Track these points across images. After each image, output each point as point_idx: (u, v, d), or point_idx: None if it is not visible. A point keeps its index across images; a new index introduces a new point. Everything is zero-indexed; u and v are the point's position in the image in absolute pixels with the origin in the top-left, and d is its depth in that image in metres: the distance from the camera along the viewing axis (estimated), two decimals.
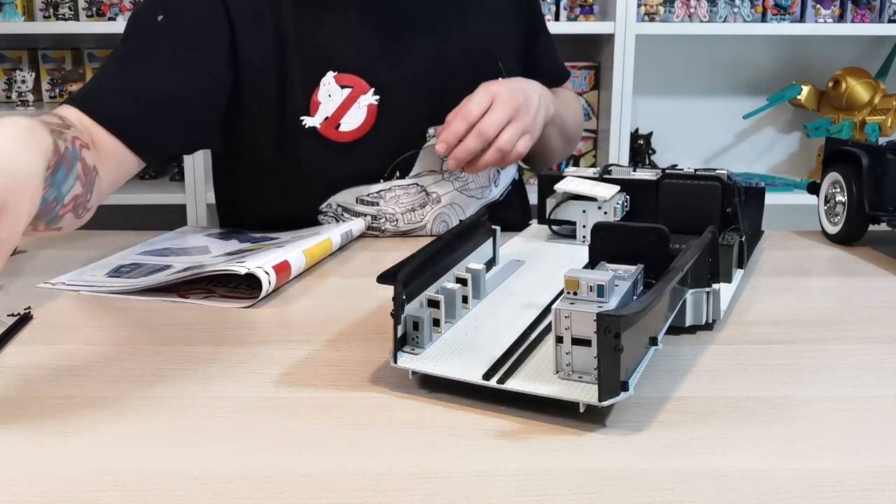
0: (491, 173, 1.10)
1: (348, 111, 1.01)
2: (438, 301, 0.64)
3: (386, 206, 1.04)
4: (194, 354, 0.66)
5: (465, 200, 1.08)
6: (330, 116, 1.01)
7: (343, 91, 1.01)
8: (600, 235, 0.68)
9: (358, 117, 1.01)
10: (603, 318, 0.51)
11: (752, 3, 2.24)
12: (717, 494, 0.47)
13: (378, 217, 1.05)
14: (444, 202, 1.07)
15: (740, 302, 0.77)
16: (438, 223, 1.07)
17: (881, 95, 2.29)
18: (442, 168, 1.06)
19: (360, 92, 1.01)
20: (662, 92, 2.41)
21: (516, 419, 0.55)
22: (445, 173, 1.06)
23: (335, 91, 1.01)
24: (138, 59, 0.96)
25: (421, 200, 1.06)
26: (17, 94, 2.28)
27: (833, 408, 0.57)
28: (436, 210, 1.07)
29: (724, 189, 0.84)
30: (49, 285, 0.84)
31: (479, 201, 1.09)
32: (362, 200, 1.05)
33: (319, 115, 1.01)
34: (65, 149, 0.72)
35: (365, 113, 1.02)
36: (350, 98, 1.01)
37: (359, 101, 1.01)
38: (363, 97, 1.01)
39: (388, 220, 1.05)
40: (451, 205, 1.07)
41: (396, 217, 1.05)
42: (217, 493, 0.47)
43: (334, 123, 1.01)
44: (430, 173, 1.06)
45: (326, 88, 1.01)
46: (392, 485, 0.48)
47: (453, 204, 1.07)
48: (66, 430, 0.54)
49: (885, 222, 0.92)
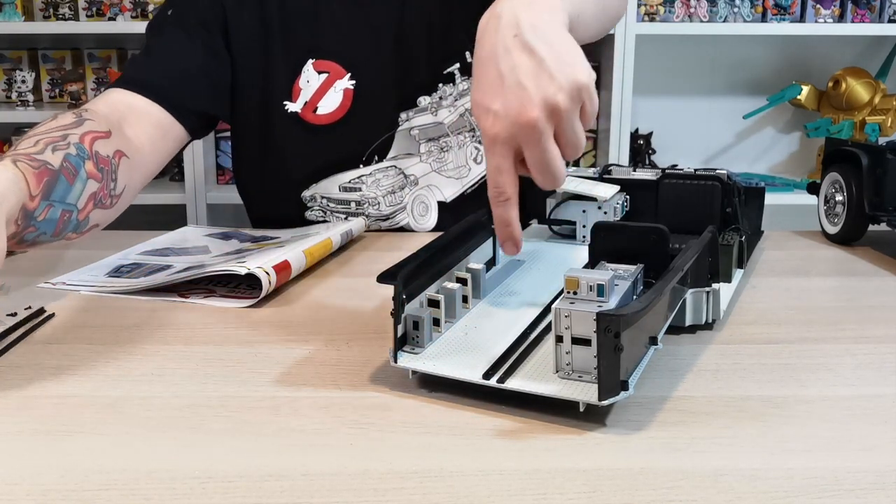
0: (469, 151, 1.11)
1: (325, 95, 1.06)
2: (438, 301, 0.64)
3: (367, 191, 1.08)
4: (194, 354, 0.67)
5: (443, 181, 1.10)
6: (308, 101, 1.07)
7: (320, 76, 1.06)
8: (600, 235, 0.68)
9: (334, 101, 1.06)
10: (603, 318, 0.51)
11: (752, 3, 2.24)
12: (717, 494, 0.47)
13: (361, 202, 1.08)
14: (421, 184, 1.09)
15: (740, 302, 0.77)
16: (418, 204, 1.09)
17: (881, 95, 2.30)
18: (419, 151, 1.09)
19: (336, 77, 1.06)
20: (662, 92, 2.41)
21: (516, 419, 0.55)
22: (423, 155, 1.09)
23: (313, 77, 1.06)
24: (159, 46, 1.05)
25: (400, 182, 1.09)
26: (17, 94, 2.28)
27: (832, 407, 0.57)
28: (414, 192, 1.09)
29: (724, 189, 0.84)
30: (49, 285, 0.84)
31: (456, 181, 1.11)
32: (345, 188, 1.08)
33: (300, 100, 1.07)
34: (60, 162, 0.77)
35: (341, 97, 1.06)
36: (327, 83, 1.06)
37: (335, 86, 1.06)
38: (339, 81, 1.06)
39: (371, 204, 1.08)
40: (429, 186, 1.10)
41: (378, 200, 1.08)
42: (217, 492, 0.47)
43: (312, 107, 1.07)
44: (406, 156, 1.09)
45: (306, 75, 1.06)
46: (392, 485, 0.48)
47: (430, 186, 1.10)
48: (66, 430, 0.54)
49: (885, 222, 0.92)
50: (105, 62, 2.37)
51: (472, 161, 1.11)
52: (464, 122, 1.10)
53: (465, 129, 1.10)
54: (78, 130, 0.82)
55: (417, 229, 1.10)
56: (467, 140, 1.10)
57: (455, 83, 1.09)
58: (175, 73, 1.02)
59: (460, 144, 1.10)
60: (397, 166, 1.08)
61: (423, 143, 1.08)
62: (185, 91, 1.02)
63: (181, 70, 1.03)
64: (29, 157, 0.74)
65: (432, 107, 1.08)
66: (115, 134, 0.88)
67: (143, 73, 1.01)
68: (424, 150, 1.09)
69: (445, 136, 1.09)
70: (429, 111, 1.08)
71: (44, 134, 0.79)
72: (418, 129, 1.08)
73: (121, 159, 0.86)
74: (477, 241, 0.77)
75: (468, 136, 1.10)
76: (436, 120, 1.09)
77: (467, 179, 1.11)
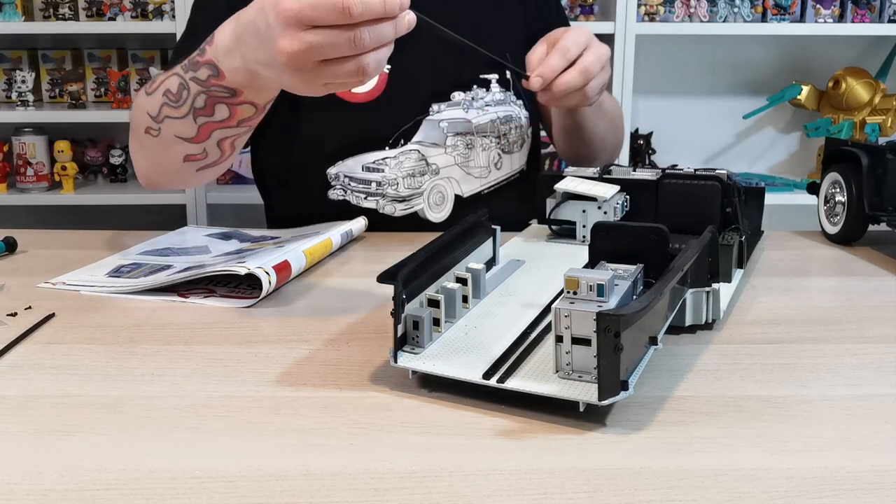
0: (492, 155, 1.14)
1: None
2: (438, 301, 0.64)
3: (390, 173, 1.09)
4: (194, 354, 0.67)
5: (464, 176, 1.12)
6: None
7: None
8: (600, 235, 0.68)
9: (370, 82, 1.06)
10: (603, 318, 0.51)
11: (752, 3, 2.24)
12: (717, 493, 0.47)
13: (382, 183, 1.09)
14: (442, 174, 1.11)
15: (740, 302, 0.77)
16: (435, 193, 1.10)
17: (881, 95, 2.30)
18: (445, 143, 1.10)
19: None
20: (662, 92, 2.41)
21: (516, 419, 0.55)
22: (448, 147, 1.11)
23: None
24: (206, 29, 1.01)
25: (421, 168, 1.10)
26: (17, 94, 2.28)
27: (832, 407, 0.57)
28: (433, 181, 1.10)
29: (724, 189, 0.85)
30: (49, 285, 0.84)
31: (476, 180, 1.13)
32: (367, 167, 1.09)
33: None
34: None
35: (376, 79, 1.08)
36: None
37: None
38: None
39: (390, 184, 1.09)
40: (449, 178, 1.11)
41: (398, 181, 1.09)
42: (217, 492, 0.47)
43: None
44: (432, 145, 1.10)
45: None
46: (392, 484, 0.48)
47: (451, 178, 1.11)
48: (66, 429, 0.54)
49: (885, 222, 0.93)
50: (105, 62, 2.37)
51: (494, 165, 1.15)
52: (493, 127, 1.14)
53: (493, 134, 1.13)
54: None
55: (431, 219, 1.11)
56: (492, 145, 1.14)
57: (490, 90, 1.14)
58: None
59: (484, 147, 1.13)
60: (420, 151, 1.10)
61: (450, 136, 1.10)
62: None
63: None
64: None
65: (465, 103, 1.11)
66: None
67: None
68: (451, 143, 1.11)
69: (472, 134, 1.12)
70: (461, 107, 1.11)
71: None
72: (448, 121, 1.11)
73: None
74: (477, 241, 0.77)
75: (493, 142, 1.14)
76: (466, 117, 1.12)
77: (486, 180, 1.14)
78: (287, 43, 0.68)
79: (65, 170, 2.21)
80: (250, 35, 0.74)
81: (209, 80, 0.81)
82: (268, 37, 0.70)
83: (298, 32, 0.67)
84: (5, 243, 0.95)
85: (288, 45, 0.68)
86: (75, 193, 2.23)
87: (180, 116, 0.85)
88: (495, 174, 1.15)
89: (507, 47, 1.12)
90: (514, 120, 1.16)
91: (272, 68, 0.73)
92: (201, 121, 0.84)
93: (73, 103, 2.28)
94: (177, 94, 0.84)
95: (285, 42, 0.68)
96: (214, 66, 0.80)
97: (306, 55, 0.68)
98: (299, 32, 0.67)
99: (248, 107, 0.82)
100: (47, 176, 2.26)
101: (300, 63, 0.69)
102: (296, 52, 0.68)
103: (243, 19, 0.76)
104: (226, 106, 0.82)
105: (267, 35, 0.71)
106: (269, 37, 0.70)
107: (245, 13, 0.76)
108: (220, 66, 0.79)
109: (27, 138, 2.23)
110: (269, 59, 0.72)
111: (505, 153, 1.15)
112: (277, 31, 0.69)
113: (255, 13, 0.73)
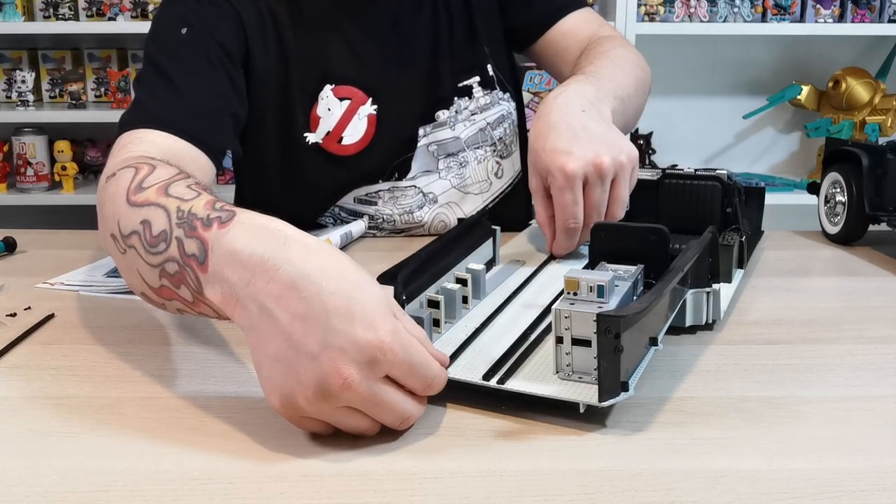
0: (490, 165, 1.09)
1: (349, 124, 1.02)
2: (438, 301, 0.64)
3: (384, 207, 1.05)
4: (194, 354, 0.66)
5: (463, 197, 1.08)
6: (331, 131, 1.01)
7: (342, 103, 1.01)
8: (600, 235, 0.68)
9: (359, 129, 1.02)
10: (603, 319, 0.51)
11: (752, 3, 2.24)
12: (717, 494, 0.47)
13: (375, 217, 1.05)
14: (441, 202, 1.07)
15: (740, 302, 0.77)
16: (437, 222, 1.07)
17: (881, 95, 2.29)
18: (437, 167, 1.06)
19: (358, 103, 1.02)
20: (662, 92, 2.41)
21: (516, 420, 0.55)
22: (441, 171, 1.06)
23: (334, 104, 1.01)
24: (184, 79, 0.93)
25: (419, 202, 1.06)
26: (17, 94, 2.28)
27: (833, 408, 0.57)
28: (433, 210, 1.06)
29: (724, 189, 0.84)
30: (49, 285, 0.84)
31: (477, 197, 1.09)
32: (360, 200, 1.05)
33: (321, 130, 1.01)
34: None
35: (366, 124, 1.02)
36: (350, 110, 1.02)
37: (359, 113, 1.02)
38: (363, 108, 1.02)
39: (386, 220, 1.05)
40: (449, 204, 1.07)
41: (394, 218, 1.05)
42: (217, 493, 0.47)
43: (336, 138, 1.01)
44: (425, 174, 1.06)
45: (325, 102, 1.01)
46: (392, 485, 0.48)
47: (450, 203, 1.07)
48: (66, 430, 0.54)
49: (885, 222, 0.92)
50: (105, 62, 2.37)
51: (494, 175, 1.10)
52: (484, 136, 1.08)
53: (486, 143, 1.08)
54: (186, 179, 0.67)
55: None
56: (488, 154, 1.08)
57: (472, 96, 1.07)
58: (208, 113, 0.92)
59: (479, 159, 1.08)
60: (417, 186, 1.05)
61: (441, 160, 1.06)
62: (221, 131, 0.93)
63: (215, 109, 0.93)
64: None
65: (450, 121, 1.06)
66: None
67: (178, 112, 0.89)
68: (443, 166, 1.06)
69: (462, 150, 1.07)
70: (447, 126, 1.06)
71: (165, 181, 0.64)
72: (436, 144, 1.06)
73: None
74: (477, 242, 0.77)
75: (489, 151, 1.08)
76: (454, 134, 1.06)
77: (488, 194, 1.09)
78: (344, 371, 0.49)
79: (65, 170, 2.21)
80: (290, 295, 0.52)
81: (190, 259, 0.57)
82: (323, 337, 0.50)
83: (371, 371, 0.50)
84: (5, 243, 0.95)
85: (345, 373, 0.49)
86: (75, 193, 2.24)
87: (147, 263, 0.61)
88: (497, 184, 1.10)
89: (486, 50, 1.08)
90: (507, 118, 1.11)
91: (280, 357, 0.52)
92: (165, 282, 0.60)
93: (73, 103, 2.28)
94: (154, 239, 0.60)
95: (339, 369, 0.50)
96: (204, 253, 0.56)
97: (352, 393, 0.50)
98: (371, 371, 0.50)
99: (212, 311, 0.59)
100: (47, 176, 2.26)
101: (332, 392, 0.50)
102: (349, 381, 0.50)
103: (300, 270, 0.52)
104: (191, 293, 0.58)
105: (327, 331, 0.50)
106: (325, 341, 0.50)
107: (301, 261, 0.53)
108: (208, 261, 0.56)
109: (27, 138, 2.23)
110: (290, 352, 0.51)
111: (504, 158, 1.10)
112: (345, 358, 0.50)
113: (331, 296, 0.51)
